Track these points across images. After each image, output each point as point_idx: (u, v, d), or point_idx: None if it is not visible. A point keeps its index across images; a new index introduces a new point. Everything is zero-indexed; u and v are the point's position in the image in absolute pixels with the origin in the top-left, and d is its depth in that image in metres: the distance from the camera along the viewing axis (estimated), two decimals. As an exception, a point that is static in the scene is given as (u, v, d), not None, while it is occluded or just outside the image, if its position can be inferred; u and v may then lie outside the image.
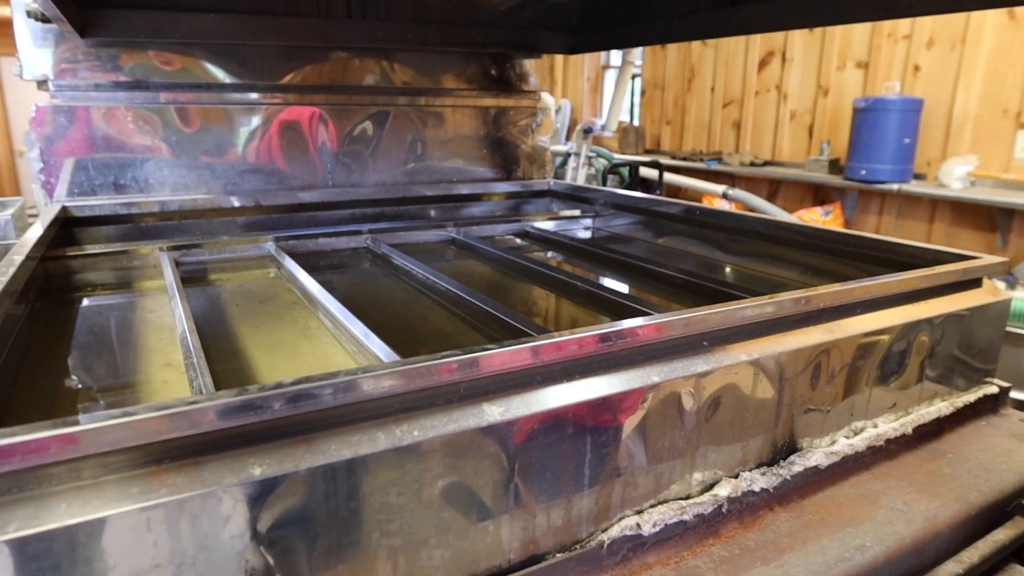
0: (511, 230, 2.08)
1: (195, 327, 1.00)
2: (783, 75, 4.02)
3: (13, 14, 1.64)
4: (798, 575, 0.80)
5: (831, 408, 1.01)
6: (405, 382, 0.64)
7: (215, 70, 1.87)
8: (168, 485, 0.54)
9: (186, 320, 1.03)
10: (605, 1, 2.10)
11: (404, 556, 0.66)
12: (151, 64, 1.80)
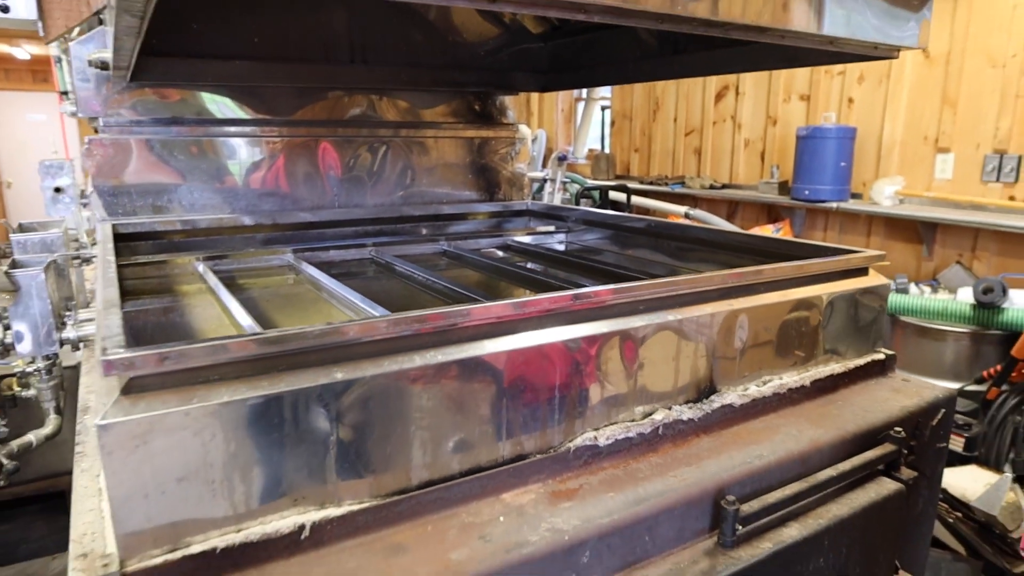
0: (494, 244, 2.39)
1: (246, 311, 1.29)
2: (737, 107, 4.43)
3: (70, 61, 1.94)
4: (711, 472, 1.11)
5: (743, 362, 1.32)
6: (431, 323, 0.95)
7: (238, 108, 2.18)
8: (285, 381, 0.84)
9: (239, 305, 1.31)
10: (571, 47, 2.45)
11: (431, 446, 0.96)
12: (185, 103, 2.10)
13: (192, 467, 0.79)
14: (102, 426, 0.74)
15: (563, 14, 1.01)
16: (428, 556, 0.88)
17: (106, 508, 0.92)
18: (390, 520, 0.93)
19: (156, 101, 2.06)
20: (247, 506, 0.83)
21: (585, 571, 0.95)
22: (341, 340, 0.88)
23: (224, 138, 2.16)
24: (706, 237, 2.01)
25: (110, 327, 0.87)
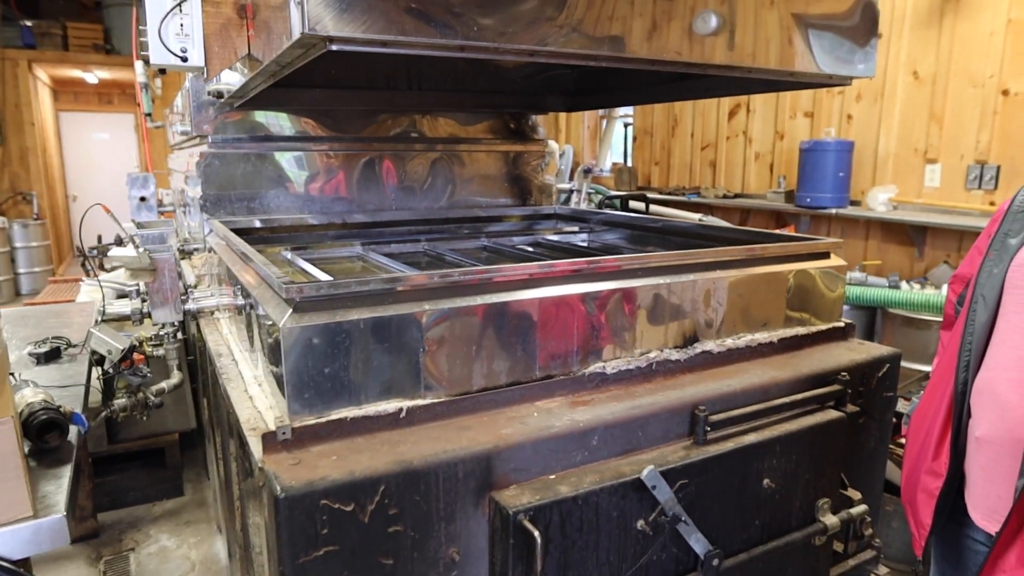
0: (527, 241, 2.81)
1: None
2: (748, 123, 4.80)
3: (188, 89, 2.41)
4: (690, 393, 1.50)
5: (723, 320, 1.71)
6: (485, 275, 1.36)
7: (316, 127, 2.64)
8: (392, 310, 1.26)
9: (328, 277, 1.73)
10: (595, 74, 2.87)
11: (486, 363, 1.37)
12: (273, 124, 2.56)
13: (334, 362, 1.21)
14: (284, 329, 1.16)
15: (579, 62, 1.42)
16: (485, 432, 1.28)
17: (260, 404, 1.35)
18: (458, 411, 1.34)
19: (252, 122, 2.53)
20: (365, 392, 1.25)
21: (594, 451, 1.35)
22: (427, 284, 1.30)
23: (303, 152, 2.62)
24: (706, 232, 2.39)
25: (273, 274, 1.30)
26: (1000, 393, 1.14)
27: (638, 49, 1.45)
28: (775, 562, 1.57)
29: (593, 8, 1.33)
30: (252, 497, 1.36)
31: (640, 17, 1.41)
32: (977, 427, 1.19)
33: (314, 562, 1.09)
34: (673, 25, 1.46)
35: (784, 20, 1.75)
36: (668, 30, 1.45)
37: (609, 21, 1.37)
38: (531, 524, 1.16)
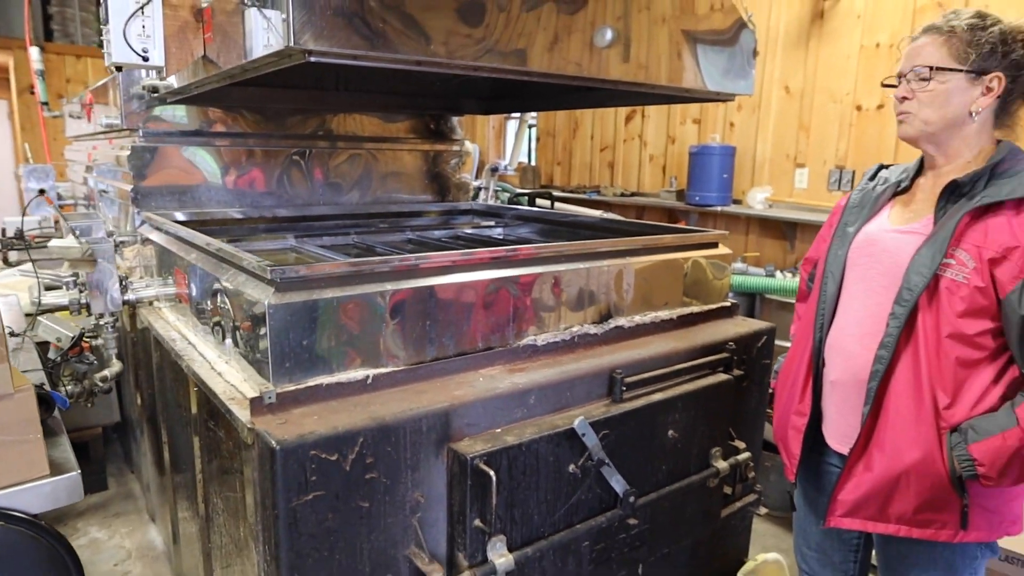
0: (448, 234, 3.01)
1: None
2: (643, 128, 5.22)
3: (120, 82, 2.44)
4: (608, 360, 1.77)
5: (632, 300, 1.99)
6: (432, 261, 1.57)
7: (248, 124, 2.72)
8: (358, 290, 1.44)
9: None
10: (508, 81, 3.11)
11: (437, 336, 1.57)
12: (205, 119, 2.63)
13: (311, 335, 1.39)
14: (269, 306, 1.33)
15: (513, 76, 1.65)
16: (441, 394, 1.50)
17: (232, 379, 1.50)
18: (416, 378, 1.54)
19: (183, 117, 2.59)
20: (337, 362, 1.43)
21: (532, 408, 1.59)
22: (387, 267, 1.50)
23: (233, 147, 2.70)
24: (610, 226, 2.70)
25: (252, 258, 1.45)
26: (847, 346, 1.44)
27: (549, 65, 1.70)
28: (678, 500, 1.87)
29: (526, 32, 1.57)
30: (231, 460, 1.50)
31: (556, 35, 1.66)
32: (831, 373, 1.49)
33: (304, 505, 1.27)
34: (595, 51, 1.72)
35: (674, 37, 2.05)
36: (578, 50, 1.72)
37: (536, 44, 1.61)
38: (486, 466, 1.39)
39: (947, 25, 1.33)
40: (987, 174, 1.29)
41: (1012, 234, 1.23)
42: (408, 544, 1.43)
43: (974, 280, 1.25)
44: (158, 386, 2.15)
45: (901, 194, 1.48)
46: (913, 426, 1.32)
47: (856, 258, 1.45)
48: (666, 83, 1.97)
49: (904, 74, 1.38)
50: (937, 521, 1.33)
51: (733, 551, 2.27)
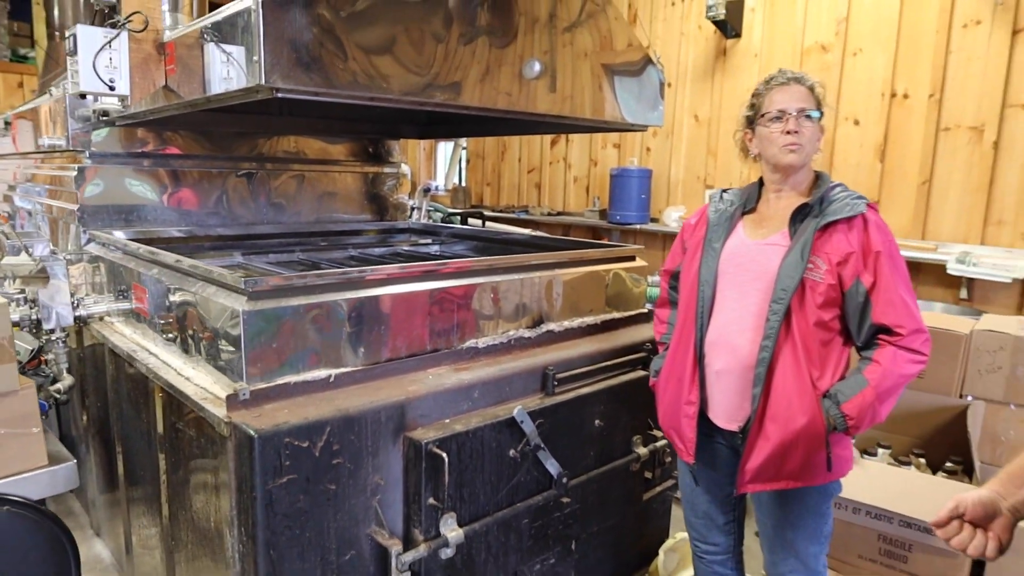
0: (388, 251, 3.19)
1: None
2: (567, 151, 5.56)
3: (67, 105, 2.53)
4: (541, 359, 2.00)
5: (561, 307, 2.23)
6: (392, 274, 1.77)
7: (193, 145, 2.84)
8: (321, 298, 1.62)
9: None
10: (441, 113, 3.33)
11: (390, 339, 1.77)
12: (151, 140, 2.73)
13: (279, 338, 1.56)
14: (244, 313, 1.49)
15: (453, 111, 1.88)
16: (396, 390, 1.69)
17: (202, 382, 1.65)
18: (372, 376, 1.73)
19: (129, 139, 2.68)
20: (304, 361, 1.61)
21: (476, 401, 1.80)
22: (346, 279, 1.68)
23: (179, 169, 2.81)
24: (540, 242, 2.95)
25: (225, 271, 1.61)
26: (731, 340, 1.67)
27: (483, 99, 1.94)
28: (605, 483, 2.11)
29: (462, 66, 1.81)
30: (202, 456, 1.64)
31: (489, 68, 1.90)
32: (715, 364, 1.70)
33: (279, 488, 1.43)
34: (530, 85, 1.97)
35: (595, 71, 2.33)
36: (509, 82, 1.96)
37: (472, 79, 1.85)
38: (439, 450, 1.59)
39: (805, 80, 1.68)
40: (822, 200, 1.63)
41: (848, 243, 1.58)
42: (369, 523, 1.61)
43: (827, 279, 1.57)
44: (112, 398, 2.23)
45: (748, 213, 1.77)
46: (798, 398, 1.59)
47: (726, 268, 1.72)
48: (589, 115, 2.24)
49: (788, 111, 1.65)
50: (814, 470, 1.62)
51: (656, 531, 2.52)
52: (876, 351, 1.59)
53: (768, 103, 1.70)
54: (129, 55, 1.84)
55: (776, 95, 1.69)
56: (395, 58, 1.70)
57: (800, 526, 1.73)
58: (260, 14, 1.43)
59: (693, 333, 1.74)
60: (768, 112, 1.69)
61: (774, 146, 1.67)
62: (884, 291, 1.56)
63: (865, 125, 3.80)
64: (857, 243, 1.57)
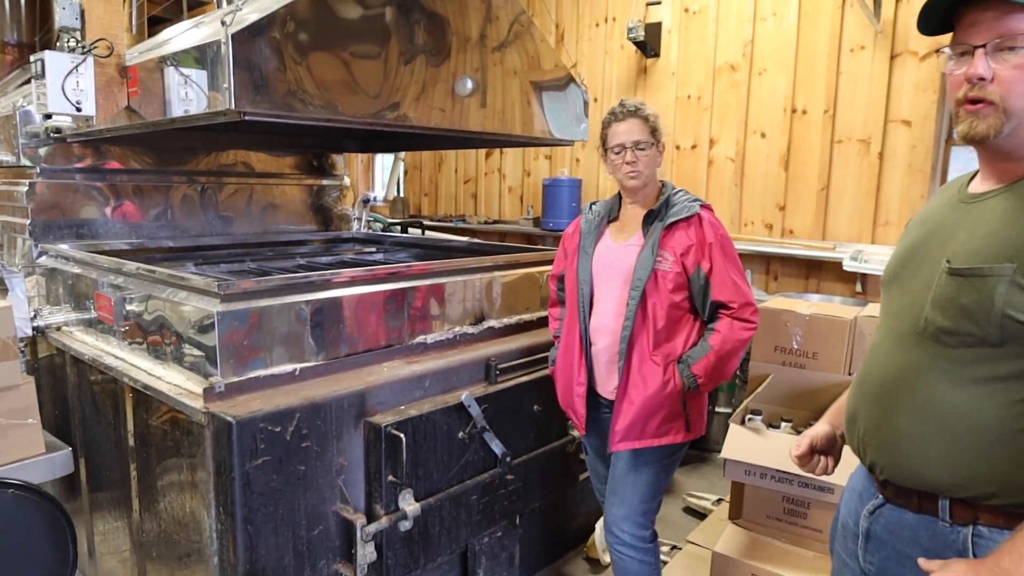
0: (334, 260, 3.36)
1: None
2: (502, 162, 5.82)
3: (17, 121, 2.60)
4: (484, 352, 2.22)
5: (499, 305, 2.46)
6: (351, 277, 1.96)
7: (142, 160, 2.94)
8: (283, 299, 1.80)
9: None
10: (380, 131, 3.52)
11: (348, 334, 1.95)
12: (102, 156, 2.82)
13: (250, 336, 1.73)
14: (218, 313, 1.66)
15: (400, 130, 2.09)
16: (356, 380, 1.87)
17: (174, 380, 1.80)
18: (333, 370, 1.91)
19: (80, 154, 2.77)
20: (272, 357, 1.78)
21: (427, 390, 2.01)
22: (309, 281, 1.87)
23: (130, 183, 2.91)
24: (478, 249, 3.18)
25: (198, 277, 1.77)
26: (607, 325, 1.93)
27: (429, 119, 2.17)
28: (544, 463, 2.35)
29: (402, 86, 2.02)
30: (177, 447, 1.78)
31: (424, 88, 2.13)
32: (597, 346, 1.96)
33: (255, 468, 1.60)
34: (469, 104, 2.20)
35: (524, 88, 2.58)
36: (442, 100, 2.19)
37: (411, 99, 2.07)
38: (397, 431, 1.79)
39: (640, 112, 1.95)
40: (666, 204, 1.93)
41: (688, 238, 1.88)
42: (335, 501, 1.79)
43: (675, 268, 1.88)
44: (74, 405, 2.33)
45: (612, 221, 2.06)
46: (651, 367, 1.88)
47: (598, 268, 2.00)
48: (520, 132, 2.49)
49: (626, 145, 1.92)
50: (673, 428, 1.91)
51: (592, 510, 2.77)
52: (717, 323, 1.90)
53: (611, 136, 1.97)
54: (94, 78, 1.97)
55: (616, 128, 1.96)
56: (348, 83, 1.90)
57: (644, 478, 1.97)
58: (230, 46, 1.61)
59: (578, 324, 2.00)
60: (611, 146, 1.97)
61: (619, 172, 1.97)
62: (718, 274, 1.88)
63: (771, 137, 4.20)
64: (695, 237, 1.89)
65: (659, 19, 4.58)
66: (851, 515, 1.27)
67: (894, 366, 1.14)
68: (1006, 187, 1.08)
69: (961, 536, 1.07)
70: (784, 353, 2.59)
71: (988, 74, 1.01)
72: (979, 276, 1.02)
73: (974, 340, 1.03)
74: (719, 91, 4.40)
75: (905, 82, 3.67)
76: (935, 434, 1.07)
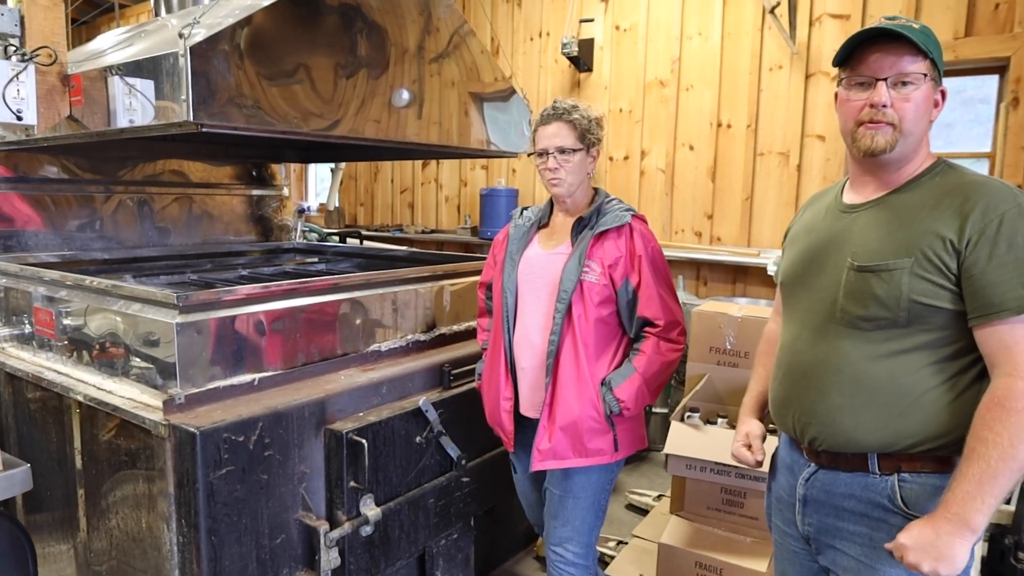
0: (276, 270, 3.34)
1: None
2: (438, 172, 5.87)
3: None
4: (438, 359, 2.27)
5: (449, 314, 2.52)
6: (280, 288, 1.98)
7: (75, 170, 2.85)
8: (241, 309, 1.81)
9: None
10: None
11: (306, 346, 1.97)
12: (32, 165, 2.72)
13: (208, 346, 1.73)
14: (177, 325, 1.65)
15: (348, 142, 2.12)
16: (315, 389, 1.90)
17: (127, 393, 1.78)
18: (291, 379, 1.92)
19: (11, 162, 2.66)
20: (230, 367, 1.78)
21: (385, 397, 2.05)
22: (267, 292, 1.88)
23: (62, 193, 2.81)
24: (419, 258, 3.22)
25: (154, 289, 1.76)
26: (532, 340, 1.84)
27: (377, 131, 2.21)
28: (498, 466, 2.41)
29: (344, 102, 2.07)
30: (134, 461, 1.76)
31: (364, 101, 2.18)
32: (522, 362, 1.87)
33: (219, 478, 1.61)
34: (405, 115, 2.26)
35: (463, 99, 2.66)
36: (379, 111, 2.25)
37: (353, 112, 2.11)
38: (358, 437, 1.82)
39: (567, 115, 1.83)
40: (598, 212, 1.84)
41: (618, 249, 1.80)
42: (297, 509, 1.81)
43: (602, 280, 1.78)
44: (8, 424, 2.24)
45: (542, 228, 1.97)
46: (577, 385, 1.78)
47: (524, 277, 1.90)
48: (457, 143, 2.56)
49: (549, 150, 1.81)
50: (600, 449, 1.82)
51: (539, 509, 2.86)
52: (643, 342, 1.82)
53: (537, 139, 1.87)
54: (36, 86, 1.93)
55: (542, 132, 1.86)
56: (301, 95, 1.93)
57: (582, 500, 1.88)
58: (188, 58, 1.62)
59: (503, 337, 1.91)
60: (536, 150, 1.87)
61: (543, 179, 1.88)
62: (646, 288, 1.79)
63: (699, 150, 4.42)
64: (625, 248, 1.80)
65: (592, 35, 4.75)
66: (784, 488, 1.46)
67: (819, 353, 1.32)
68: (879, 199, 1.31)
69: (888, 483, 1.26)
70: (719, 353, 2.75)
71: (889, 102, 1.25)
72: (887, 270, 1.23)
73: (886, 323, 1.23)
74: (649, 105, 4.60)
75: (819, 100, 3.95)
76: (864, 404, 1.26)
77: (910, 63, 1.24)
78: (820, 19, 3.89)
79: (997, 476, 1.10)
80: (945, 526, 1.12)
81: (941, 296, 1.19)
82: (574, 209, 1.91)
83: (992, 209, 1.17)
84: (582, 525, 1.91)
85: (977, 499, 1.10)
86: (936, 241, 1.19)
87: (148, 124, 1.78)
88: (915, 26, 1.25)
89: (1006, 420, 1.11)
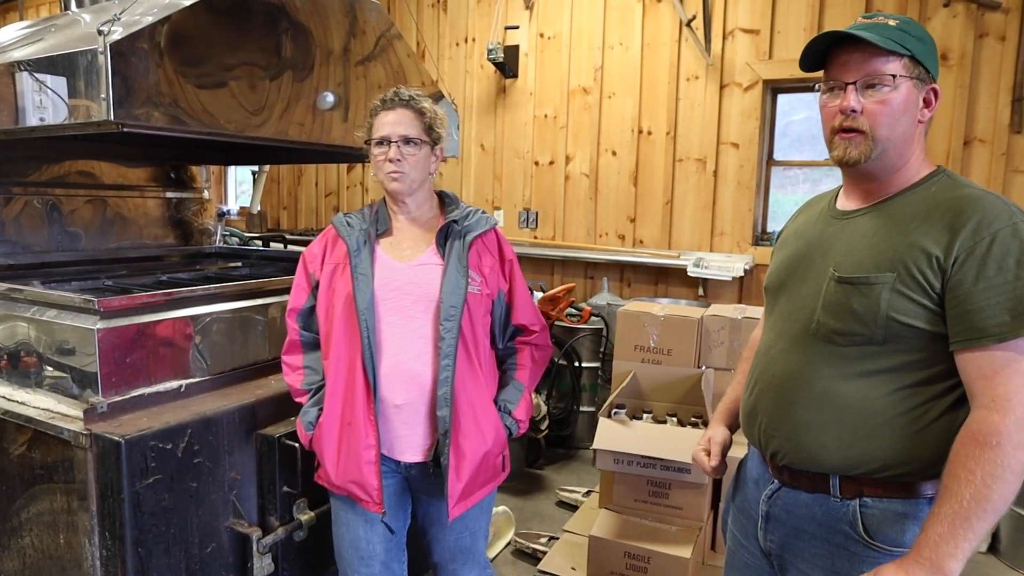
0: (197, 275, 3.23)
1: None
2: (364, 175, 5.82)
3: None
4: (370, 361, 2.27)
5: (381, 316, 2.52)
6: (206, 292, 1.94)
7: (-26, 172, 2.68)
8: (166, 314, 1.76)
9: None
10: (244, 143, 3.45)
11: (231, 351, 1.93)
12: (-76, 168, 2.55)
13: (132, 353, 1.68)
14: (98, 331, 1.60)
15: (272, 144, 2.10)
16: (245, 394, 1.87)
17: (42, 404, 1.71)
18: (220, 385, 1.89)
19: (-101, 165, 2.49)
20: (156, 375, 1.73)
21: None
22: (192, 296, 1.84)
23: (-40, 196, 2.65)
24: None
25: (71, 294, 1.69)
26: (410, 368, 1.56)
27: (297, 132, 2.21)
28: (430, 466, 2.43)
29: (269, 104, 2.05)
30: (51, 475, 1.68)
31: (289, 104, 2.17)
32: (396, 399, 1.56)
33: (146, 488, 1.56)
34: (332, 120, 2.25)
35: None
36: (303, 114, 2.24)
37: (279, 114, 2.10)
38: (291, 441, 1.80)
39: (415, 103, 1.61)
40: (465, 216, 1.65)
41: (490, 255, 1.65)
42: (228, 516, 1.77)
43: (484, 291, 1.61)
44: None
45: (382, 236, 1.67)
46: (483, 411, 1.62)
47: (383, 295, 1.59)
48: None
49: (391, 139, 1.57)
50: (496, 473, 1.70)
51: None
52: (519, 355, 1.73)
53: (376, 127, 1.62)
54: (-66, 82, 1.82)
55: (383, 118, 1.61)
56: (224, 95, 1.90)
57: (478, 529, 1.76)
58: (108, 56, 1.57)
59: (362, 371, 1.56)
60: (374, 138, 1.61)
61: (381, 172, 1.61)
62: (519, 295, 1.70)
63: (621, 156, 4.56)
64: (496, 254, 1.67)
65: (517, 42, 4.83)
66: (748, 501, 1.38)
67: (791, 364, 1.25)
68: (873, 206, 1.23)
69: (850, 508, 1.18)
70: (643, 351, 2.86)
71: (859, 107, 1.15)
72: (866, 284, 1.14)
73: (861, 339, 1.15)
74: (574, 111, 4.72)
75: (733, 109, 4.16)
76: (830, 422, 1.19)
77: (882, 63, 1.14)
78: (732, 33, 4.10)
79: (970, 517, 1.02)
80: (916, 570, 1.03)
81: (920, 316, 1.11)
82: (417, 212, 1.67)
83: (985, 227, 1.08)
84: (480, 555, 1.79)
85: (950, 542, 1.02)
86: (921, 257, 1.11)
87: (63, 123, 1.71)
88: (891, 23, 1.16)
89: (979, 457, 1.03)
